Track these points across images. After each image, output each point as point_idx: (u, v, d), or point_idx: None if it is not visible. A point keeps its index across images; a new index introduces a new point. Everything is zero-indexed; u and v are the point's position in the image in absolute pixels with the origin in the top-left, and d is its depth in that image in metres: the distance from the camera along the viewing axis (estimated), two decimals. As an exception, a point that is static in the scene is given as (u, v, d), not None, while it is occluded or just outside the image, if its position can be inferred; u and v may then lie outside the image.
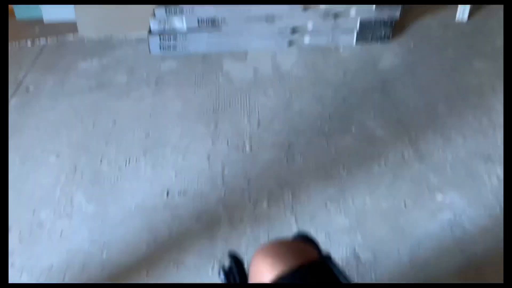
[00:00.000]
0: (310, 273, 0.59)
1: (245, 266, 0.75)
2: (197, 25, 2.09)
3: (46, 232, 1.38)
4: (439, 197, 1.33)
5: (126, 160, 1.60)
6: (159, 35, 2.11)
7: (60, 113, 1.87)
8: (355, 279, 1.16)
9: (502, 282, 0.54)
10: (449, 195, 1.33)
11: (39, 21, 2.52)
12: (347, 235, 1.26)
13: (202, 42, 2.12)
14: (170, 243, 1.31)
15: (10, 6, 2.53)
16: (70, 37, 2.38)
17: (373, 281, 1.15)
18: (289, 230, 1.29)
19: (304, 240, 0.70)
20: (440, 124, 1.59)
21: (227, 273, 0.70)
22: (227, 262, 0.76)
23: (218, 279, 0.71)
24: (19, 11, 2.56)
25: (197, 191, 1.45)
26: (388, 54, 2.00)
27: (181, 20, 2.09)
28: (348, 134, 1.59)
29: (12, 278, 1.26)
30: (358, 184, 1.40)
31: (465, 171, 1.40)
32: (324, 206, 1.36)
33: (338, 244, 1.24)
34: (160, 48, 2.14)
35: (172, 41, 2.12)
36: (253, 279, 0.64)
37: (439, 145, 1.50)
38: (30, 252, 1.33)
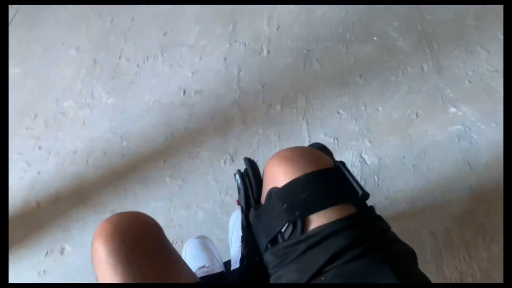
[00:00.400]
0: (324, 178, 0.58)
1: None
2: None
3: (69, 120, 1.46)
4: (452, 110, 1.33)
5: (144, 57, 1.61)
6: None
7: (79, 7, 1.85)
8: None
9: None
10: (463, 109, 1.33)
11: None
12: (356, 141, 1.30)
13: None
14: (186, 137, 1.38)
15: None
16: None
17: (376, 184, 1.21)
18: (300, 133, 1.34)
19: (319, 149, 0.67)
20: (466, 38, 1.53)
21: (243, 175, 0.69)
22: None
23: (234, 181, 0.71)
24: None
25: (212, 91, 1.48)
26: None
27: None
28: (369, 43, 1.56)
29: (41, 159, 1.37)
30: (373, 93, 1.41)
31: (483, 87, 1.39)
32: (336, 112, 1.38)
33: (346, 148, 1.29)
34: None
35: None
36: (267, 182, 0.63)
37: (461, 59, 1.47)
38: (55, 137, 1.42)
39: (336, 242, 0.52)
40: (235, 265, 1.00)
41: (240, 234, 1.01)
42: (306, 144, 1.32)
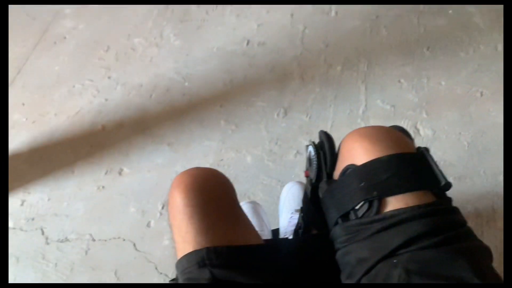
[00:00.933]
0: (408, 162, 0.55)
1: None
2: None
3: (138, 56, 1.54)
4: (521, 94, 1.28)
5: (214, 5, 1.66)
6: None
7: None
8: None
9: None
10: (533, 94, 1.27)
11: None
12: (413, 111, 1.29)
13: None
14: (244, 86, 1.42)
15: None
16: None
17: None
18: (357, 96, 1.34)
19: (402, 132, 0.64)
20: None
21: (317, 147, 0.66)
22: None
23: (305, 153, 0.69)
24: None
25: (275, 45, 1.50)
26: None
27: None
28: (443, 16, 1.50)
29: (109, 88, 1.47)
30: (438, 67, 1.37)
31: (561, 74, 1.31)
32: (397, 81, 1.36)
33: (401, 117, 1.28)
34: None
35: None
36: (344, 158, 0.60)
37: (541, 43, 1.38)
38: (124, 69, 1.52)
39: (412, 228, 0.51)
40: (283, 234, 1.02)
41: (292, 206, 1.04)
42: (361, 108, 1.32)
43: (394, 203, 0.53)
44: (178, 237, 0.58)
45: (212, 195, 0.59)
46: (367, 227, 0.54)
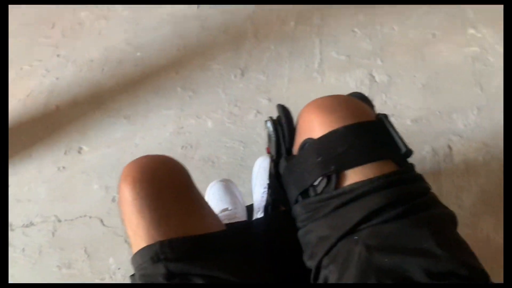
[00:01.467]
0: (365, 132, 0.53)
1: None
2: None
3: (86, 30, 1.48)
4: (470, 31, 1.29)
5: (160, -30, 1.59)
6: None
7: None
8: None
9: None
10: (482, 31, 1.29)
11: None
12: (367, 59, 1.29)
13: None
14: (199, 50, 1.39)
15: None
16: None
17: (383, 101, 1.22)
18: (312, 50, 1.33)
19: (360, 99, 0.61)
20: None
21: (275, 122, 0.64)
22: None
23: (264, 128, 0.66)
24: None
25: (227, 6, 1.46)
26: None
27: None
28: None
29: (60, 66, 1.42)
30: (390, 12, 1.37)
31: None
32: (351, 31, 1.36)
33: (356, 66, 1.28)
34: None
35: None
36: (302, 132, 0.58)
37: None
38: (72, 46, 1.46)
39: (372, 201, 0.49)
40: (257, 210, 1.01)
41: (264, 180, 1.01)
42: (317, 62, 1.31)
43: (353, 177, 0.51)
44: (130, 232, 0.54)
45: (162, 184, 0.55)
46: (327, 203, 0.52)
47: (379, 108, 1.22)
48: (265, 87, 1.29)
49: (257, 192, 1.06)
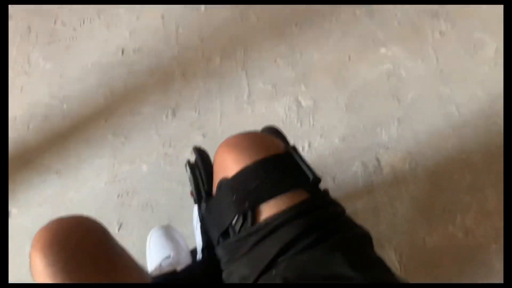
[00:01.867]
0: (274, 165, 0.55)
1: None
2: None
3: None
4: (382, 50, 1.40)
5: (80, 21, 1.58)
6: None
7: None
8: (295, 122, 1.28)
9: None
10: (392, 48, 1.40)
11: None
12: (292, 86, 1.35)
13: None
14: (126, 96, 1.38)
15: None
16: None
17: (311, 124, 1.27)
18: (239, 83, 1.37)
19: (272, 133, 0.63)
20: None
21: (193, 166, 0.65)
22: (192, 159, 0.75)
23: (185, 172, 0.68)
24: None
25: (151, 49, 1.48)
26: None
27: None
28: (303, -7, 1.58)
29: (-21, 128, 1.35)
30: (308, 41, 1.45)
31: (411, 26, 1.45)
32: (274, 61, 1.42)
33: (283, 94, 1.33)
34: None
35: None
36: (217, 172, 0.59)
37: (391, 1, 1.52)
38: (-7, 106, 1.39)
39: (286, 232, 0.50)
40: (200, 254, 1.02)
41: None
42: (246, 94, 1.35)
43: (267, 211, 0.52)
44: None
45: (77, 247, 0.53)
46: (245, 241, 0.52)
47: (308, 131, 1.28)
48: (198, 123, 1.30)
49: (198, 234, 1.06)
